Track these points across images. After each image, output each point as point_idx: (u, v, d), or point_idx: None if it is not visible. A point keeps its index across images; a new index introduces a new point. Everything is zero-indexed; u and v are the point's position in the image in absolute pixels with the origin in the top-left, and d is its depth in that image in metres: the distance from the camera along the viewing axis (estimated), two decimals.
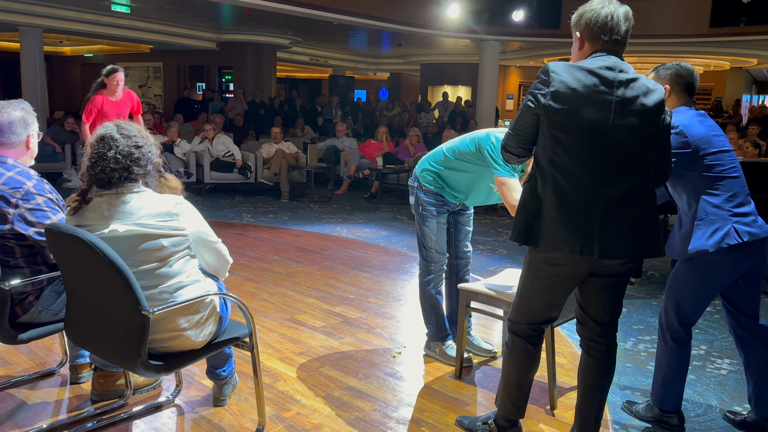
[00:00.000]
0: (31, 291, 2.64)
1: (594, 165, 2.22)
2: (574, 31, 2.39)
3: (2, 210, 2.54)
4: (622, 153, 2.23)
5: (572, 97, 2.21)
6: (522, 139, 2.35)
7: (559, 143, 2.23)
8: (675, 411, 2.89)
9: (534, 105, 2.26)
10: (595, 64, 2.25)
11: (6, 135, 2.67)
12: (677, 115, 2.75)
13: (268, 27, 14.01)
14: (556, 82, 2.22)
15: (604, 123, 2.21)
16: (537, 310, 2.48)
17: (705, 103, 17.11)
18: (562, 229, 2.24)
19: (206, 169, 9.43)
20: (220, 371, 2.89)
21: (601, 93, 2.21)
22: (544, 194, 2.27)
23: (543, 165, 2.28)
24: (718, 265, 2.68)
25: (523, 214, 2.33)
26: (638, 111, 2.23)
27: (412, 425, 2.87)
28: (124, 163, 2.30)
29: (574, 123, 2.21)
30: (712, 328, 4.29)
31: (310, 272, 5.34)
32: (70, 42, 16.61)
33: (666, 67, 2.85)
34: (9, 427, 2.71)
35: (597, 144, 2.22)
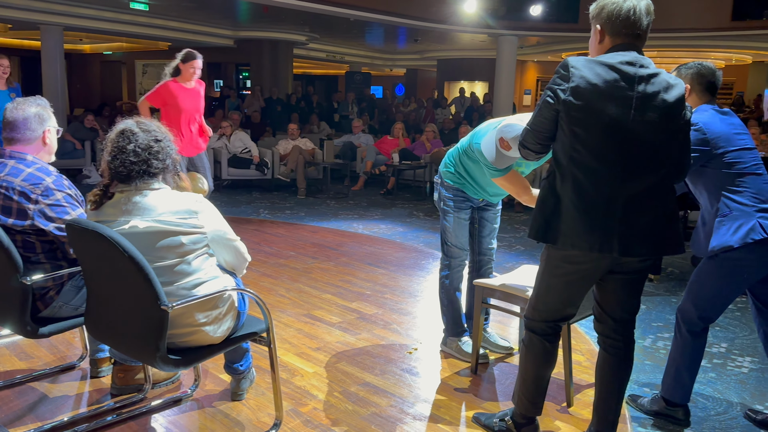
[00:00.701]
0: (52, 286, 2.67)
1: (614, 162, 2.20)
2: (593, 23, 2.35)
3: (23, 206, 2.58)
4: (642, 149, 2.21)
5: (592, 93, 2.17)
6: (540, 135, 2.32)
7: (579, 139, 2.20)
8: (681, 404, 2.88)
9: (553, 101, 2.23)
10: (615, 59, 2.21)
11: (22, 131, 2.70)
12: (698, 114, 2.74)
13: (284, 24, 14.04)
14: (576, 78, 2.19)
15: (625, 119, 2.18)
16: (554, 307, 2.46)
17: (726, 97, 16.89)
18: (582, 227, 2.21)
19: (224, 166, 9.49)
20: (238, 366, 2.91)
21: (622, 89, 2.18)
22: (563, 191, 2.25)
23: (562, 162, 2.26)
24: (743, 262, 2.65)
25: (541, 211, 2.31)
26: (659, 107, 2.20)
27: (429, 421, 2.87)
28: (144, 156, 2.31)
29: (594, 119, 2.18)
30: (733, 326, 4.24)
31: (327, 268, 5.35)
32: (90, 40, 16.78)
33: (688, 66, 2.84)
34: (31, 420, 2.75)
35: (617, 140, 2.19)
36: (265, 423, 2.78)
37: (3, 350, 3.44)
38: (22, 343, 3.51)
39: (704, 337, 2.85)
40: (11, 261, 2.47)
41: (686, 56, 16.23)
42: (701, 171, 2.71)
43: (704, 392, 3.26)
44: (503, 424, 2.68)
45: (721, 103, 2.86)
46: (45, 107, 2.79)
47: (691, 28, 12.39)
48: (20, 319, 2.55)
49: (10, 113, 2.72)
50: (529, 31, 12.91)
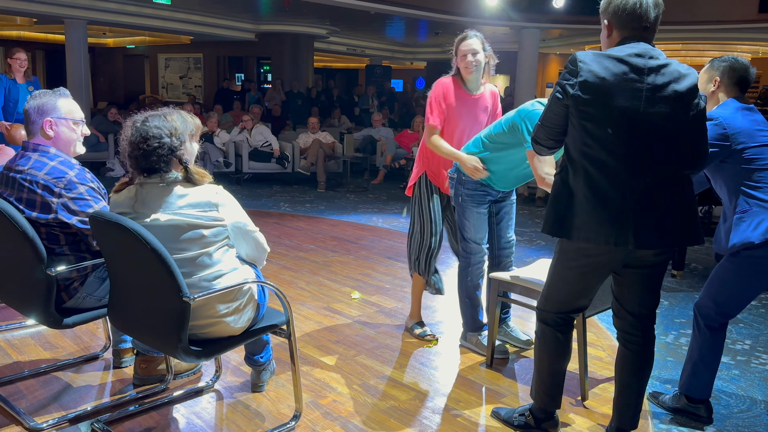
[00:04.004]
0: (76, 277, 2.70)
1: (626, 154, 2.19)
2: (602, 18, 2.35)
3: (46, 199, 2.61)
4: (654, 141, 2.19)
5: (601, 87, 2.17)
6: (552, 130, 2.32)
7: (590, 134, 2.20)
8: (702, 401, 2.85)
9: (562, 96, 2.23)
10: (624, 52, 2.21)
11: (28, 123, 2.76)
12: (721, 108, 2.72)
13: (305, 17, 14.05)
14: (585, 72, 2.18)
15: (636, 111, 2.17)
16: (566, 299, 2.47)
17: (753, 91, 16.58)
18: (596, 220, 2.21)
19: (245, 159, 9.54)
20: (258, 357, 2.93)
21: (631, 81, 2.17)
22: (575, 185, 2.25)
23: (574, 156, 2.25)
24: (764, 258, 2.63)
25: (554, 205, 2.31)
26: (671, 97, 2.19)
27: (447, 415, 2.87)
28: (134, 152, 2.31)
29: (604, 113, 2.17)
30: (758, 323, 4.18)
31: (346, 261, 5.36)
32: (113, 34, 16.94)
33: (722, 59, 2.82)
34: (55, 409, 2.79)
35: (629, 133, 2.18)
36: (285, 414, 2.80)
37: (28, 340, 3.50)
38: (46, 334, 3.57)
39: (723, 333, 2.82)
40: (36, 253, 2.51)
41: (712, 49, 15.97)
42: (720, 166, 2.69)
43: (728, 389, 3.22)
44: (522, 419, 2.68)
45: (748, 97, 2.83)
46: (54, 99, 2.75)
47: (717, 21, 12.18)
48: (45, 310, 2.59)
49: (24, 106, 2.77)
50: (551, 23, 12.77)
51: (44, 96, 2.77)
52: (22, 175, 2.66)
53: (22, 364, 3.21)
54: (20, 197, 2.64)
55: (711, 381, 2.85)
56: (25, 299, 2.71)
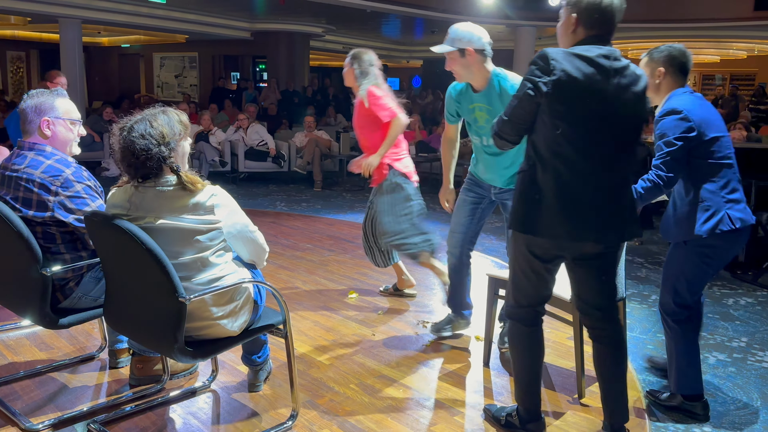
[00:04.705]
0: (72, 277, 2.69)
1: (594, 154, 2.25)
2: (568, 10, 2.33)
3: (43, 198, 2.60)
4: (619, 141, 2.28)
5: (574, 87, 2.20)
6: (519, 126, 2.33)
7: (562, 133, 2.23)
8: (697, 397, 2.88)
9: (534, 93, 2.23)
10: (592, 53, 2.24)
11: (24, 122, 2.74)
12: (677, 99, 2.75)
13: (301, 16, 14.03)
14: (558, 71, 2.19)
15: (603, 112, 2.23)
16: (531, 293, 2.50)
17: (748, 88, 16.63)
18: (563, 217, 2.26)
19: (240, 158, 9.52)
20: (255, 357, 2.92)
21: (600, 82, 2.22)
22: (544, 183, 2.28)
23: (543, 154, 2.28)
24: (711, 249, 2.73)
25: (522, 202, 2.34)
26: (631, 99, 2.27)
27: (445, 414, 2.86)
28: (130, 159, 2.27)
29: (575, 113, 2.22)
30: (754, 320, 4.19)
31: (343, 261, 5.35)
32: (108, 33, 16.90)
33: (659, 50, 2.85)
34: (51, 410, 2.78)
35: (597, 133, 2.24)
36: (282, 414, 2.80)
37: (23, 341, 3.48)
38: (42, 334, 3.55)
39: (692, 325, 2.86)
40: (31, 252, 2.50)
41: (707, 47, 16.00)
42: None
43: (724, 387, 3.22)
44: (509, 419, 2.68)
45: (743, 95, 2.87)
46: (51, 98, 2.74)
47: (712, 19, 12.20)
48: (40, 310, 2.57)
49: (19, 105, 2.75)
50: (547, 21, 12.77)
51: (41, 95, 2.75)
52: (18, 174, 2.65)
53: (18, 364, 3.20)
54: (16, 196, 2.63)
55: (698, 375, 2.87)
56: (21, 299, 2.70)
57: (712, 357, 3.58)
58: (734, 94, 13.63)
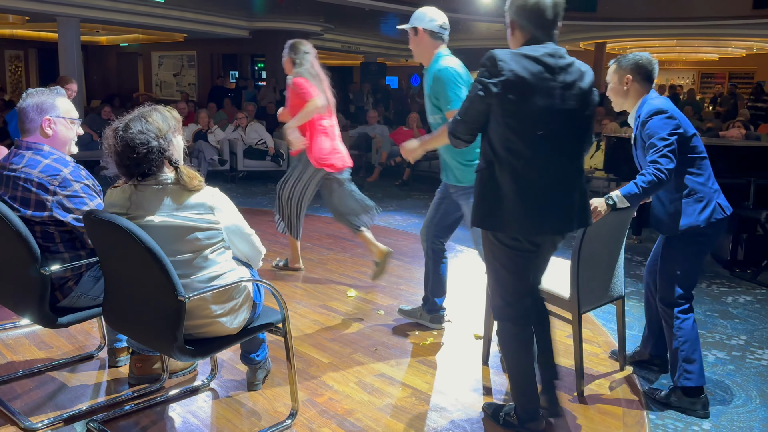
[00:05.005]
0: (71, 276, 2.69)
1: (547, 148, 2.35)
2: (507, 17, 2.46)
3: (41, 197, 2.60)
4: (568, 135, 2.39)
5: (522, 86, 2.29)
6: (472, 126, 2.42)
7: (513, 130, 2.32)
8: (699, 390, 2.91)
9: (484, 94, 2.32)
10: (538, 52, 2.34)
11: (24, 121, 2.72)
12: (656, 100, 2.91)
13: (299, 14, 14.01)
14: (506, 71, 2.29)
15: (552, 108, 2.33)
16: (517, 285, 2.53)
17: (746, 86, 16.63)
18: (523, 212, 2.35)
19: (239, 157, 9.51)
20: (254, 356, 2.93)
21: (547, 80, 2.32)
22: (502, 180, 2.36)
23: (499, 152, 2.36)
24: (705, 237, 2.91)
25: (482, 200, 2.43)
26: (578, 94, 2.38)
27: (444, 412, 2.87)
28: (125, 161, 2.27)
29: (526, 110, 2.31)
30: (753, 318, 4.20)
31: (342, 259, 5.35)
32: (106, 31, 16.85)
33: (627, 58, 3.01)
34: (50, 408, 2.78)
35: (548, 128, 2.33)
36: (281, 413, 2.80)
37: (22, 340, 3.48)
38: (41, 333, 3.55)
39: (692, 314, 2.96)
40: (30, 252, 2.49)
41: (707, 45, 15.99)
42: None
43: (723, 384, 3.23)
44: (507, 418, 2.69)
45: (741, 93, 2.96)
46: (52, 97, 2.74)
47: (711, 17, 12.20)
48: (39, 309, 2.57)
49: (19, 104, 2.74)
50: None
51: (42, 94, 2.74)
52: (16, 174, 2.64)
53: (17, 363, 3.20)
54: (14, 195, 2.63)
55: (701, 366, 2.91)
56: (20, 299, 2.70)
57: (711, 355, 3.58)
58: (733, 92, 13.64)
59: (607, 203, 2.72)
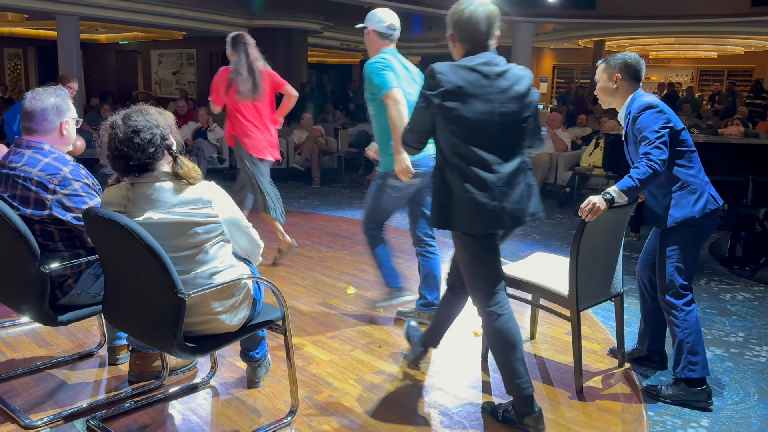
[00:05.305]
0: (70, 274, 2.70)
1: (489, 150, 2.52)
2: (447, 31, 2.66)
3: (41, 196, 2.60)
4: (508, 135, 2.56)
5: (461, 94, 2.48)
6: (421, 135, 2.64)
7: (457, 136, 2.51)
8: (702, 381, 2.94)
9: (427, 105, 2.52)
10: (474, 62, 2.54)
11: (40, 122, 2.71)
12: (645, 97, 2.96)
13: (298, 12, 14.00)
14: (445, 83, 2.48)
15: (491, 112, 2.51)
16: (494, 275, 2.68)
17: (745, 84, 16.63)
18: (474, 210, 2.53)
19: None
20: (254, 353, 2.93)
21: (484, 86, 2.51)
22: (452, 181, 2.55)
23: (447, 156, 2.56)
24: (701, 228, 2.96)
25: (437, 202, 2.63)
26: (515, 97, 2.56)
27: (444, 409, 2.87)
28: (123, 151, 2.27)
29: (466, 116, 2.49)
30: (751, 315, 4.21)
31: (342, 257, 5.36)
32: (106, 29, 16.85)
33: (615, 57, 3.06)
34: (50, 406, 2.79)
35: (488, 131, 2.51)
36: (281, 410, 2.81)
37: (22, 338, 3.49)
38: (41, 331, 3.56)
39: (695, 304, 3.01)
40: (30, 250, 2.50)
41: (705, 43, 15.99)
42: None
43: (722, 381, 3.24)
44: (506, 414, 2.71)
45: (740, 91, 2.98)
46: (64, 98, 2.78)
47: (709, 15, 12.20)
48: (39, 307, 2.58)
49: (28, 103, 2.72)
50: (545, 17, 12.77)
51: (55, 96, 2.75)
52: (15, 172, 2.65)
53: (17, 361, 3.20)
54: (14, 194, 2.63)
55: (705, 357, 2.95)
56: (19, 297, 2.70)
57: (709, 352, 3.59)
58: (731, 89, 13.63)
59: (604, 199, 2.73)
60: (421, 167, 3.44)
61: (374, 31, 3.61)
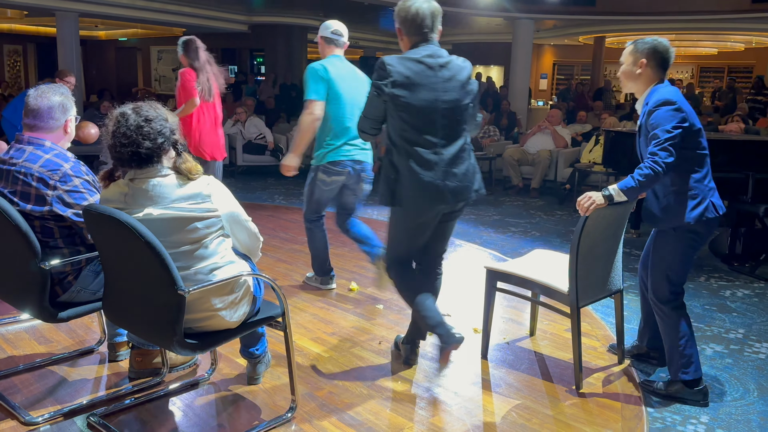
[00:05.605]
0: (70, 271, 2.70)
1: (434, 133, 2.79)
2: (395, 25, 2.88)
3: (41, 192, 2.60)
4: (451, 121, 2.82)
5: (408, 84, 2.75)
6: (374, 121, 2.86)
7: (405, 121, 2.77)
8: (698, 381, 2.93)
9: (379, 94, 2.77)
10: (419, 54, 2.80)
11: (45, 120, 2.72)
12: (666, 90, 2.85)
13: (298, 8, 13.98)
14: (395, 73, 2.74)
15: (435, 100, 2.78)
16: (404, 252, 3.06)
17: (746, 81, 16.62)
18: (419, 189, 2.79)
19: (239, 152, 9.51)
20: (254, 350, 2.93)
21: (429, 77, 2.78)
22: (400, 163, 2.81)
23: (396, 140, 2.82)
24: (697, 235, 2.88)
25: (386, 182, 2.86)
26: (456, 87, 2.83)
27: (443, 406, 2.88)
28: (133, 137, 2.28)
29: (413, 103, 2.75)
30: (750, 312, 4.21)
31: (342, 254, 5.36)
32: (105, 26, 16.82)
33: (644, 41, 2.94)
34: (51, 403, 2.79)
35: (433, 117, 2.78)
36: (281, 407, 2.81)
37: (22, 334, 3.49)
38: (41, 328, 3.56)
39: (684, 307, 2.98)
40: (30, 246, 2.50)
41: (706, 39, 15.96)
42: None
43: (721, 378, 3.24)
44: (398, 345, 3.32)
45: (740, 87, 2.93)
46: (68, 96, 2.81)
47: (710, 11, 12.18)
48: (39, 304, 2.58)
49: (33, 101, 2.72)
50: (545, 14, 12.73)
51: (59, 94, 2.77)
52: (16, 168, 2.65)
53: (17, 358, 3.21)
54: (14, 190, 2.63)
55: (698, 359, 2.94)
56: (19, 293, 2.70)
57: (709, 348, 3.60)
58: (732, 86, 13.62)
59: (603, 195, 2.74)
60: (346, 167, 3.96)
61: (323, 38, 4.00)
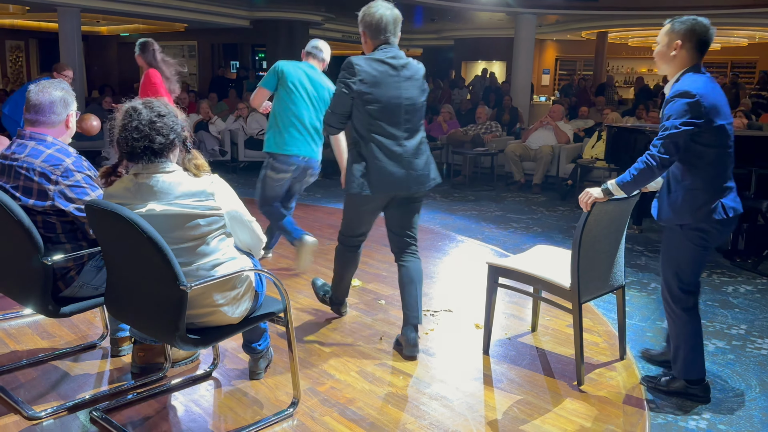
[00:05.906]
0: (73, 266, 2.70)
1: (397, 126, 3.13)
2: (360, 29, 3.19)
3: (43, 187, 2.60)
4: (412, 115, 3.17)
5: (374, 82, 3.07)
6: (341, 116, 3.15)
7: (371, 115, 3.09)
8: (700, 381, 2.91)
9: (347, 91, 3.08)
10: (383, 56, 3.12)
11: (47, 114, 2.72)
12: (691, 80, 2.66)
13: (300, 4, 13.96)
14: (362, 72, 3.06)
15: (398, 96, 3.11)
16: (356, 232, 3.43)
17: (750, 76, 16.57)
18: (384, 177, 3.11)
19: (240, 147, 9.50)
20: (256, 345, 2.94)
21: (392, 76, 3.11)
22: (366, 154, 3.12)
23: (363, 133, 3.12)
24: (706, 233, 2.76)
25: (353, 171, 3.15)
26: (415, 85, 3.18)
27: (445, 401, 2.88)
28: (146, 132, 2.29)
29: (379, 99, 3.07)
30: (753, 308, 4.21)
31: None
32: (107, 21, 16.80)
33: (682, 20, 2.74)
34: (53, 398, 2.80)
35: (396, 112, 3.12)
36: (283, 401, 2.81)
37: (25, 329, 3.50)
38: (44, 323, 3.57)
39: (696, 308, 2.89)
40: (32, 241, 2.50)
41: None
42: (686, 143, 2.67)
43: (723, 374, 3.24)
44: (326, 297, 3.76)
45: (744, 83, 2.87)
46: (68, 91, 2.81)
47: (713, 6, 12.12)
48: (42, 299, 2.58)
49: (35, 96, 2.72)
50: (548, 9, 12.70)
51: (60, 89, 2.77)
52: (18, 163, 2.65)
53: (20, 353, 3.22)
54: (17, 185, 2.64)
55: (703, 359, 2.91)
56: (22, 289, 2.71)
57: (711, 344, 3.60)
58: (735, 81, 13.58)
59: (601, 189, 2.75)
60: (295, 163, 4.39)
61: (304, 51, 4.69)
